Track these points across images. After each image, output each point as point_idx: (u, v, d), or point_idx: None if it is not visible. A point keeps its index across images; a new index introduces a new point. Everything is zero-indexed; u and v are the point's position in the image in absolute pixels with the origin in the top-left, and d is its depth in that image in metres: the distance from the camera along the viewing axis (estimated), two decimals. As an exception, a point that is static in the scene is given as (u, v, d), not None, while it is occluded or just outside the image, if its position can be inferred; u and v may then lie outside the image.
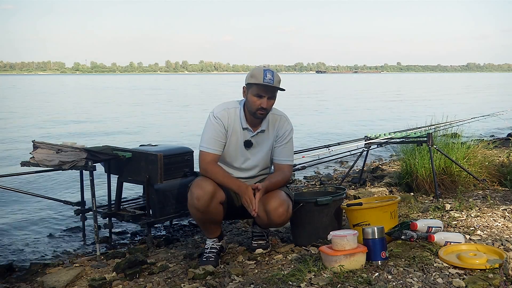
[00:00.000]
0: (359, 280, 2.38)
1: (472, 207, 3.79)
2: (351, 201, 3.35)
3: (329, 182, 6.07)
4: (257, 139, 3.03)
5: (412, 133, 4.84)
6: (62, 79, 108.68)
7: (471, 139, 5.28)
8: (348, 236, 2.56)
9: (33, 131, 12.77)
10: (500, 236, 3.04)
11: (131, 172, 3.70)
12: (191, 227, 4.39)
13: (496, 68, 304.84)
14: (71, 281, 2.98)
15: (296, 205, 3.12)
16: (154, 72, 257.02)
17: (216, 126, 2.95)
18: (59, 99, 29.17)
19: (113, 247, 3.88)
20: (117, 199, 3.88)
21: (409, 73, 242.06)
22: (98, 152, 3.54)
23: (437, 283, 2.34)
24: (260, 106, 2.88)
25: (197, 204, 2.81)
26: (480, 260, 2.49)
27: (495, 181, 4.76)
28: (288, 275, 2.53)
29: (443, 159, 4.61)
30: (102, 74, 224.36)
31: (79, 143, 3.65)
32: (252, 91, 2.90)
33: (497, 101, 23.34)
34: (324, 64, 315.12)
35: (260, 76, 2.84)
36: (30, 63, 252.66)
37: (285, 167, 3.05)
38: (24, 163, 3.55)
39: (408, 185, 4.76)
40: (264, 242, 3.23)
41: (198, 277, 2.75)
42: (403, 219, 3.52)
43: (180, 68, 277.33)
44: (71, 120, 15.97)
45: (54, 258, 3.77)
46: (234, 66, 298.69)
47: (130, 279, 2.90)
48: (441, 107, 18.22)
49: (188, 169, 3.84)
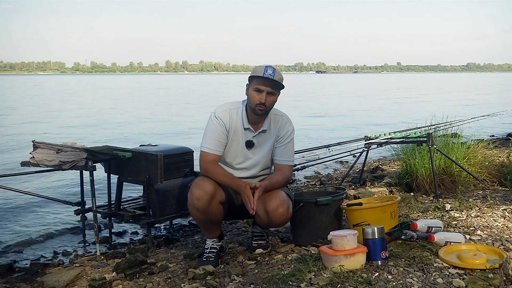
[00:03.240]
0: (359, 280, 2.38)
1: (472, 207, 3.79)
2: (351, 201, 3.35)
3: (329, 182, 6.07)
4: (258, 139, 3.04)
5: (412, 133, 4.84)
6: (62, 79, 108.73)
7: (471, 139, 5.27)
8: (348, 236, 2.56)
9: (33, 131, 12.76)
10: (500, 236, 3.04)
11: (131, 172, 3.70)
12: (191, 227, 4.39)
13: (496, 68, 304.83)
14: (71, 281, 2.99)
15: (296, 205, 3.12)
16: (154, 72, 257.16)
17: (217, 127, 2.95)
18: (59, 99, 29.16)
19: (113, 247, 3.88)
20: (117, 199, 3.88)
21: (409, 73, 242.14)
22: (98, 152, 3.54)
23: (437, 283, 2.34)
24: (259, 101, 2.88)
25: (197, 204, 2.81)
26: (480, 260, 2.49)
27: (495, 181, 4.76)
28: (288, 275, 2.53)
29: (443, 159, 4.61)
30: (102, 74, 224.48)
31: (79, 143, 3.66)
32: (253, 86, 2.91)
33: (497, 101, 23.36)
34: (324, 64, 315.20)
35: (260, 71, 2.87)
36: (30, 63, 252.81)
37: (286, 168, 3.05)
38: (24, 163, 3.55)
39: (408, 185, 4.76)
40: (264, 242, 3.23)
41: (198, 277, 2.75)
42: (403, 219, 3.52)
43: (180, 68, 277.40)
44: (71, 120, 15.97)
45: (54, 258, 3.78)
46: (234, 66, 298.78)
47: (130, 279, 2.91)
48: (441, 107, 18.24)
49: (188, 169, 3.84)
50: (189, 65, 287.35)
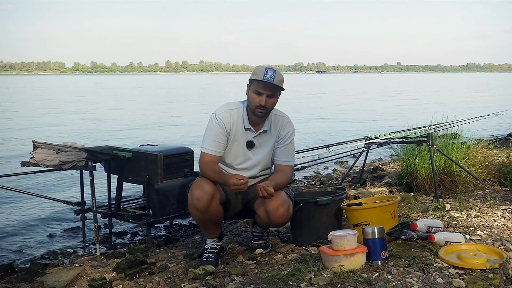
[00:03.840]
0: (359, 280, 2.38)
1: (472, 207, 3.79)
2: (351, 201, 3.35)
3: (329, 182, 6.07)
4: (259, 140, 3.04)
5: (412, 133, 4.84)
6: (62, 79, 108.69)
7: (471, 139, 5.27)
8: (348, 236, 2.56)
9: (33, 131, 12.77)
10: (500, 236, 3.04)
11: (131, 172, 3.70)
12: (191, 227, 4.39)
13: (496, 68, 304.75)
14: (71, 281, 2.98)
15: (296, 205, 3.12)
16: (154, 72, 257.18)
17: (217, 128, 2.95)
18: (59, 99, 29.15)
19: (113, 247, 3.88)
20: (117, 199, 3.88)
21: (409, 73, 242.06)
22: (98, 152, 3.54)
23: (437, 283, 2.34)
24: (259, 104, 2.88)
25: (197, 204, 2.81)
26: (480, 260, 2.49)
27: (495, 181, 4.76)
28: (288, 275, 2.53)
29: (443, 159, 4.61)
30: (102, 74, 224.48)
31: (79, 143, 3.66)
32: (252, 88, 2.91)
33: (497, 101, 23.35)
34: (324, 64, 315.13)
35: (261, 74, 2.86)
36: (30, 63, 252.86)
37: (287, 168, 3.05)
38: (24, 163, 3.55)
39: (408, 185, 4.76)
40: (264, 242, 3.23)
41: (198, 277, 2.75)
42: (403, 219, 3.52)
43: (180, 68, 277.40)
44: (71, 120, 15.97)
45: (54, 258, 3.77)
46: (234, 66, 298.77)
47: (130, 279, 2.90)
48: (441, 107, 18.23)
49: (188, 169, 3.84)
50: (189, 65, 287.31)
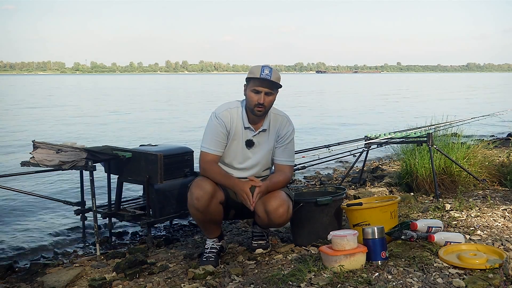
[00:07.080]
0: (359, 280, 2.38)
1: (472, 207, 3.79)
2: (351, 201, 3.35)
3: (329, 182, 6.07)
4: (258, 139, 3.04)
5: (412, 133, 4.84)
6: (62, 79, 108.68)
7: (471, 139, 5.28)
8: (348, 236, 2.56)
9: (33, 131, 12.76)
10: (500, 236, 3.04)
11: (131, 172, 3.70)
12: (191, 227, 4.39)
13: (496, 68, 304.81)
14: (71, 281, 2.98)
15: (296, 205, 3.12)
16: (154, 72, 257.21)
17: (218, 127, 2.95)
18: (59, 99, 29.15)
19: (113, 247, 3.88)
20: (117, 199, 3.88)
21: (409, 73, 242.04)
22: (98, 152, 3.54)
23: (437, 283, 2.34)
24: (257, 102, 2.88)
25: (197, 204, 2.81)
26: (480, 260, 2.49)
27: (495, 181, 4.76)
28: (288, 275, 2.53)
29: (443, 159, 4.61)
30: (102, 74, 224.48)
31: (79, 143, 3.66)
32: (250, 87, 2.91)
33: (497, 101, 23.35)
34: (324, 64, 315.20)
35: (257, 72, 2.87)
36: (30, 63, 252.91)
37: (286, 168, 3.05)
38: (24, 163, 3.54)
39: (408, 185, 4.76)
40: (264, 242, 3.23)
41: (198, 277, 2.75)
42: (403, 219, 3.52)
43: (180, 68, 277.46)
44: (71, 120, 15.97)
45: (54, 258, 3.78)
46: (234, 66, 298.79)
47: (130, 279, 2.90)
48: (441, 107, 18.23)
49: (188, 169, 3.84)
50: (189, 65, 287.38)
